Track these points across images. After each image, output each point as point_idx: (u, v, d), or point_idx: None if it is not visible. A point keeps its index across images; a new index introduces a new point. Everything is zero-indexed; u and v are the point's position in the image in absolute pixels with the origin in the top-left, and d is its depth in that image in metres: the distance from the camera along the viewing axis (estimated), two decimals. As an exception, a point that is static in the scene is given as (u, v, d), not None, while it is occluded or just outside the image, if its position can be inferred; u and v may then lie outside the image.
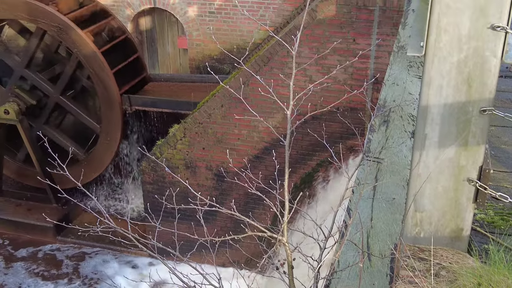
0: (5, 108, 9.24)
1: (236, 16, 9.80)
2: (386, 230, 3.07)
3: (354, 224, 2.95)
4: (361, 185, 3.17)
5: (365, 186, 3.14)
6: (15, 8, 8.86)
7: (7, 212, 9.68)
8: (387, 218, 3.13)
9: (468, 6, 2.47)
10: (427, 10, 2.58)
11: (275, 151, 7.86)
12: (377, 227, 3.06)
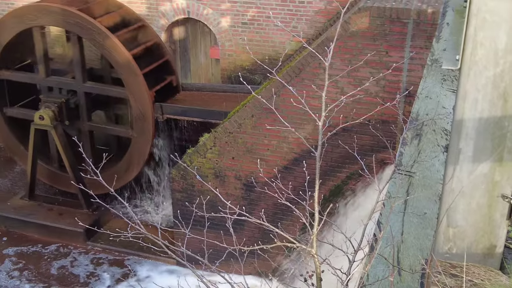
0: (40, 114, 9.45)
1: (268, 27, 9.84)
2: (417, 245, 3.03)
3: (385, 238, 2.91)
4: (392, 199, 3.14)
5: (396, 199, 3.11)
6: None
7: (39, 216, 9.85)
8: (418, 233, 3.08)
9: (505, 20, 2.44)
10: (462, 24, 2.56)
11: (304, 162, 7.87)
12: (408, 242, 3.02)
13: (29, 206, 10.06)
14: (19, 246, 9.54)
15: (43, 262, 9.21)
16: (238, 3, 9.82)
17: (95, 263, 9.24)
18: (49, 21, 9.27)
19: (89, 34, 9.02)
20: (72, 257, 9.33)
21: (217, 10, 9.97)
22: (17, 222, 9.85)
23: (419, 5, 6.94)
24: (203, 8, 10.03)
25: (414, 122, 3.80)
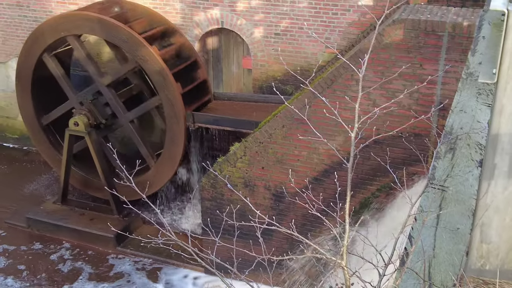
0: (75, 120, 9.64)
1: (301, 38, 9.86)
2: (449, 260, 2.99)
3: (416, 252, 2.88)
4: (425, 213, 3.10)
5: (428, 214, 3.08)
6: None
7: (71, 221, 10.02)
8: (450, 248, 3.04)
9: (545, 34, 2.40)
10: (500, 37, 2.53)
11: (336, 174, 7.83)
12: (439, 257, 2.98)
13: (61, 211, 10.24)
14: (50, 250, 9.71)
15: (73, 266, 9.34)
16: (271, 14, 9.87)
17: (124, 268, 9.34)
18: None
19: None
20: (101, 262, 9.45)
21: (250, 20, 10.04)
22: (49, 226, 10.03)
23: (455, 18, 6.87)
24: (237, 19, 10.12)
25: (448, 136, 3.76)
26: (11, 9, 11.82)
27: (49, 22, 9.69)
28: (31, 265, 9.34)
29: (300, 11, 9.66)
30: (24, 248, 9.76)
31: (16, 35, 12.01)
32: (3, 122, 13.14)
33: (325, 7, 9.50)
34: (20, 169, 12.16)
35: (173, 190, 10.65)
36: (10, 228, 10.24)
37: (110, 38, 9.37)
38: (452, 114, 4.16)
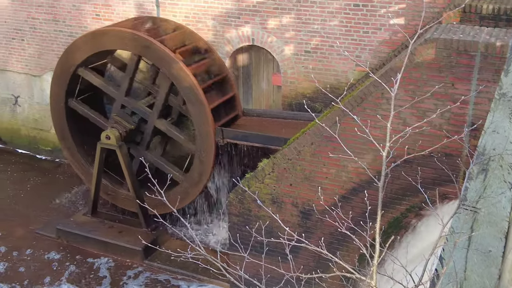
0: (106, 134, 9.81)
1: (331, 56, 9.88)
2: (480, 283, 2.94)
3: (447, 274, 2.85)
4: (456, 234, 3.07)
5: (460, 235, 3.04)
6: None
7: (100, 232, 10.14)
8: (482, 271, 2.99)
9: None
10: (536, 58, 2.50)
11: (364, 193, 7.78)
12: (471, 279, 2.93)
13: (91, 223, 10.39)
14: (78, 261, 9.83)
15: (100, 278, 9.43)
16: (302, 32, 9.93)
17: (150, 281, 9.39)
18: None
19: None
20: (129, 275, 9.52)
21: (281, 38, 10.12)
22: (79, 237, 10.17)
23: (487, 38, 6.81)
24: (268, 36, 10.20)
25: (481, 156, 3.72)
26: (47, 24, 12.15)
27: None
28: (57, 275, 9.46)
29: (331, 29, 9.70)
30: (51, 258, 9.90)
31: (51, 49, 12.32)
32: (36, 134, 13.44)
33: (356, 25, 9.52)
34: (52, 180, 12.40)
35: (201, 205, 10.70)
36: (40, 238, 10.41)
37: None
38: (484, 135, 4.11)
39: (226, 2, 10.34)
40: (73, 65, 10.05)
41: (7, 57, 13.00)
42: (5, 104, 13.54)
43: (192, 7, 10.64)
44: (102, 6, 11.42)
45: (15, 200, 11.66)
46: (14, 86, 13.21)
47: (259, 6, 10.10)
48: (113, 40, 9.60)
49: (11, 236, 10.46)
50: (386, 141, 3.41)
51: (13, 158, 13.40)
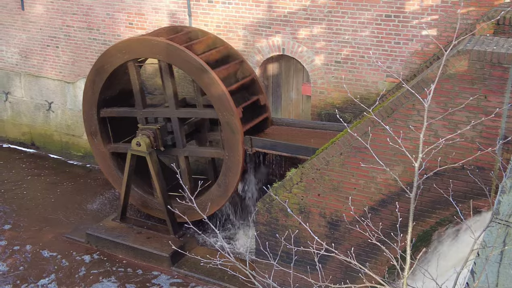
0: (137, 141, 9.93)
1: (361, 67, 9.85)
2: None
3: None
4: (488, 248, 3.02)
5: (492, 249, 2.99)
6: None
7: (129, 238, 10.25)
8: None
9: None
10: None
11: (393, 205, 7.71)
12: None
13: (120, 228, 10.51)
14: (106, 266, 9.94)
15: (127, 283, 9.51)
16: (333, 42, 9.93)
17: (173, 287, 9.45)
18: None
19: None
20: (155, 281, 9.58)
21: (311, 48, 10.13)
22: (107, 243, 10.30)
23: (522, 49, 6.70)
24: (298, 46, 10.23)
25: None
26: (82, 32, 12.40)
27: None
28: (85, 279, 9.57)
29: (362, 39, 9.68)
30: (80, 262, 10.04)
31: (85, 56, 12.57)
32: (68, 140, 13.69)
33: (387, 36, 9.49)
34: (82, 186, 12.61)
35: (228, 213, 10.74)
36: (69, 243, 10.57)
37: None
38: (519, 148, 4.05)
39: (257, 12, 10.41)
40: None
41: (42, 64, 13.31)
42: (38, 109, 13.84)
43: (223, 16, 10.75)
44: (135, 15, 11.62)
45: (46, 204, 11.89)
46: (48, 92, 13.51)
47: (290, 16, 10.14)
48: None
49: (41, 239, 10.65)
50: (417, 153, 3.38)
51: (46, 163, 13.67)
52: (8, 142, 14.69)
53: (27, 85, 13.77)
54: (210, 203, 9.64)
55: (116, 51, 9.99)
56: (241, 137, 9.37)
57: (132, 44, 9.88)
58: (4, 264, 9.94)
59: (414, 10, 9.20)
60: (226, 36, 10.73)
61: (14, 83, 13.97)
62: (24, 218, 11.32)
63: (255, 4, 10.40)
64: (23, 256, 10.16)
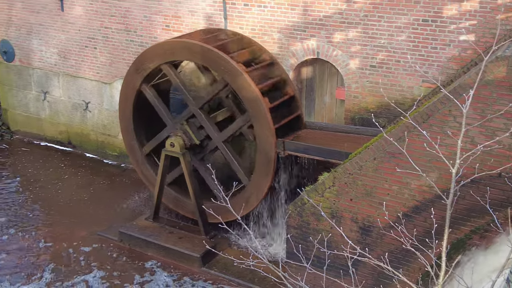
0: (171, 141, 10.05)
1: (397, 71, 9.77)
2: (551, 310, 2.83)
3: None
4: (526, 257, 2.97)
5: (530, 258, 2.94)
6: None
7: (161, 238, 10.37)
8: (553, 297, 2.88)
9: None
10: None
11: (427, 212, 7.61)
12: (541, 305, 2.83)
13: (152, 227, 10.64)
14: (138, 265, 10.08)
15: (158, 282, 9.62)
16: (368, 46, 9.87)
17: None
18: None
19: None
20: (186, 281, 9.66)
21: (346, 52, 10.09)
22: (139, 241, 10.44)
23: None
24: (333, 50, 10.20)
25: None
26: (119, 33, 12.62)
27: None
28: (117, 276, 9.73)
29: (398, 44, 9.60)
30: (112, 260, 10.19)
31: (122, 58, 12.78)
32: (104, 139, 13.94)
33: (424, 41, 9.38)
34: (117, 185, 12.82)
35: (259, 216, 10.76)
36: (102, 240, 10.75)
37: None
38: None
39: (292, 15, 10.42)
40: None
41: (80, 64, 13.59)
42: (76, 109, 14.12)
43: (259, 19, 10.80)
44: (172, 18, 11.77)
45: (81, 201, 12.12)
46: (85, 92, 13.78)
47: (326, 19, 10.12)
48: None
49: (75, 236, 10.86)
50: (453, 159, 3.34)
51: (83, 162, 13.95)
52: (46, 141, 15.04)
53: (65, 85, 14.08)
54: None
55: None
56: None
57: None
58: (38, 259, 10.17)
59: (452, 15, 9.08)
60: (261, 39, 10.77)
61: (52, 82, 14.30)
62: (59, 215, 11.57)
63: (290, 8, 10.42)
64: (57, 252, 10.38)
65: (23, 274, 9.78)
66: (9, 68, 14.99)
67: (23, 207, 11.95)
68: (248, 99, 9.41)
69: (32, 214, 11.66)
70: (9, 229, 11.12)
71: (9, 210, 11.80)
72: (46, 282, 9.56)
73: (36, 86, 14.67)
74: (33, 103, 14.91)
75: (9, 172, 13.53)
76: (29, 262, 10.10)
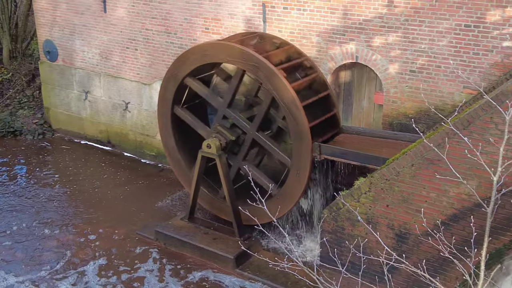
0: (208, 143, 10.14)
1: (437, 77, 9.62)
2: None
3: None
4: None
5: None
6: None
7: (195, 238, 10.45)
8: None
9: None
10: None
11: (465, 220, 7.48)
12: None
13: (187, 228, 10.75)
14: (173, 263, 10.19)
15: (191, 281, 9.70)
16: (408, 51, 9.76)
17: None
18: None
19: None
20: (218, 282, 9.71)
21: (386, 56, 10.00)
22: (175, 241, 10.55)
23: None
24: (372, 54, 10.12)
25: None
26: (160, 35, 12.80)
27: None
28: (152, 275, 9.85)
29: (439, 49, 9.46)
30: (148, 258, 10.33)
31: (162, 59, 12.97)
32: (142, 139, 14.15)
33: (466, 46, 9.22)
34: (154, 184, 13.00)
35: (293, 219, 10.75)
36: (139, 239, 10.91)
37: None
38: None
39: (332, 19, 10.39)
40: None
41: (121, 65, 13.84)
42: (116, 109, 14.39)
43: (298, 23, 10.80)
44: (211, 20, 11.88)
45: (119, 200, 12.34)
46: (125, 92, 14.03)
47: (365, 23, 10.05)
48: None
49: (113, 234, 11.05)
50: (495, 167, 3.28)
51: (122, 161, 14.20)
52: (86, 139, 15.37)
53: (106, 85, 14.37)
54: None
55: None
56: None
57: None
58: (76, 256, 10.39)
59: (495, 20, 8.90)
60: (300, 42, 10.77)
61: (94, 82, 14.61)
62: (97, 213, 11.80)
63: (330, 11, 10.39)
64: (95, 249, 10.58)
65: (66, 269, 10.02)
66: (52, 68, 15.40)
67: (64, 203, 12.24)
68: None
69: (73, 211, 11.92)
70: (52, 226, 11.39)
71: (50, 207, 12.10)
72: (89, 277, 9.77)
73: (78, 85, 15.02)
74: (75, 103, 15.26)
75: (50, 169, 13.89)
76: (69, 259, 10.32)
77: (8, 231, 11.20)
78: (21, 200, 12.38)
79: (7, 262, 10.19)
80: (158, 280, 9.74)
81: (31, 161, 14.27)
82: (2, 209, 12.00)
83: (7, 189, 12.82)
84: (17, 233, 11.12)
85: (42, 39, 15.30)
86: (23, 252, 10.48)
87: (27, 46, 18.10)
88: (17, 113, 16.26)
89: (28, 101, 16.65)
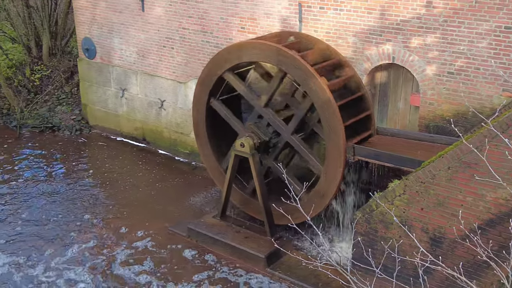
0: (241, 142, 10.17)
1: (476, 79, 9.43)
2: None
3: None
4: None
5: None
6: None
7: (227, 236, 10.51)
8: None
9: None
10: None
11: (502, 225, 7.32)
12: None
13: (219, 225, 10.81)
14: (204, 260, 10.26)
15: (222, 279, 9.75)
16: (446, 52, 9.60)
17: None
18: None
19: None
20: (249, 280, 9.73)
21: (423, 57, 9.86)
22: (207, 239, 10.62)
23: None
24: (409, 55, 9.99)
25: None
26: (196, 34, 12.91)
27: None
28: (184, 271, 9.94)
29: (478, 51, 9.27)
30: (180, 255, 10.43)
31: (197, 58, 13.07)
32: (177, 137, 14.30)
33: (506, 48, 9.02)
34: (187, 182, 13.13)
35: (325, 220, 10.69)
36: (172, 235, 11.03)
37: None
38: None
39: (368, 19, 10.30)
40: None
41: (157, 64, 14.01)
42: (151, 107, 14.58)
43: (334, 23, 10.74)
44: (247, 20, 11.92)
45: (153, 196, 12.49)
46: (161, 91, 14.19)
47: (403, 24, 9.93)
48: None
49: (146, 230, 11.20)
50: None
51: (156, 158, 14.39)
52: (122, 136, 15.61)
53: (142, 83, 14.56)
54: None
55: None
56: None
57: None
58: (108, 248, 10.57)
59: (538, 21, 8.69)
60: (335, 42, 10.71)
61: (130, 80, 14.83)
62: (131, 209, 11.98)
63: (367, 12, 10.30)
64: (127, 243, 10.74)
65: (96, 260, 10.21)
66: (90, 65, 15.69)
67: (98, 198, 12.47)
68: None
69: (106, 206, 12.13)
70: (85, 220, 11.62)
71: (84, 201, 12.35)
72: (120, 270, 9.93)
73: (115, 83, 15.27)
74: (112, 100, 15.52)
75: (86, 164, 14.17)
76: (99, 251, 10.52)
77: (44, 222, 11.50)
78: (57, 193, 12.68)
79: (42, 253, 10.45)
80: (190, 275, 9.83)
81: (68, 156, 14.58)
82: (39, 201, 12.30)
83: (44, 182, 13.13)
84: (54, 224, 11.40)
85: (81, 36, 15.60)
86: (57, 243, 10.73)
87: (66, 44, 18.49)
88: (56, 109, 16.63)
89: (67, 97, 17.00)
